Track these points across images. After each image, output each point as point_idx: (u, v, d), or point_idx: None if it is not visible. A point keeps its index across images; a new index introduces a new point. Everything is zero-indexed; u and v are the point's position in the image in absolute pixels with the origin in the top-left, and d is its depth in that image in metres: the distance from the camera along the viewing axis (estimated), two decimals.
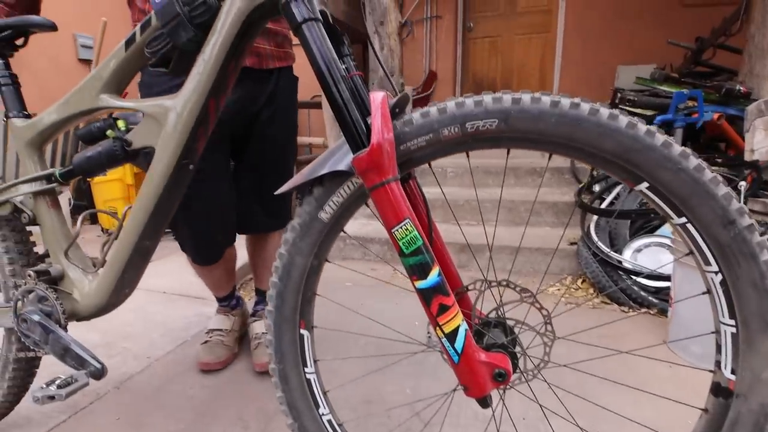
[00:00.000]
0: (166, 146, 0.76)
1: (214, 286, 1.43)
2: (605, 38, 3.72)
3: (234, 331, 1.44)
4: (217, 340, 1.38)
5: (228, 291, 1.46)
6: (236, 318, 1.47)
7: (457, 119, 0.60)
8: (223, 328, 1.42)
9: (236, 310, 1.49)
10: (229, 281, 1.44)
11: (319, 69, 0.61)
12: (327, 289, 1.96)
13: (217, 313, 1.49)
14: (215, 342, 1.38)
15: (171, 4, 0.70)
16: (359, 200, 0.69)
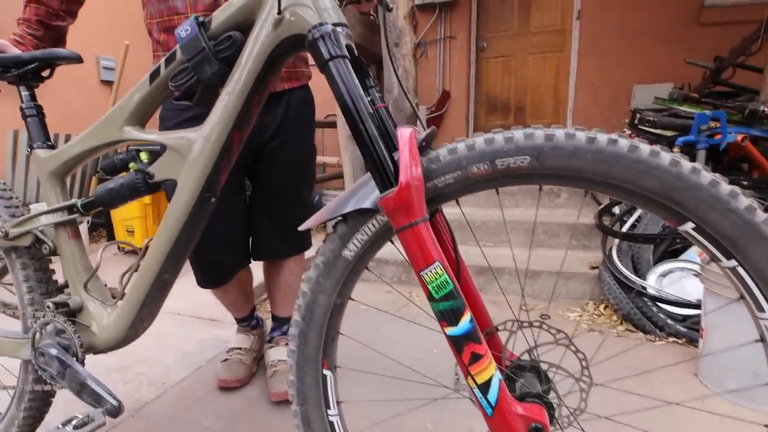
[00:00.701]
0: (188, 179, 0.75)
1: (232, 308, 1.44)
2: (620, 57, 3.70)
3: (253, 350, 1.45)
4: (236, 358, 1.40)
5: (247, 312, 1.46)
6: (255, 338, 1.48)
7: (486, 156, 0.58)
8: (243, 346, 1.44)
9: (256, 330, 1.50)
10: (247, 302, 1.44)
11: (347, 107, 0.59)
12: None
13: (237, 332, 1.50)
14: (234, 360, 1.39)
15: (196, 39, 0.70)
16: (384, 237, 0.67)
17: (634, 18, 3.63)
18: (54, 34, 0.98)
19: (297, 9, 0.65)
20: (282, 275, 1.35)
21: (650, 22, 3.60)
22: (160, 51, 1.07)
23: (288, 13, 0.66)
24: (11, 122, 3.05)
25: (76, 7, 1.01)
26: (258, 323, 1.51)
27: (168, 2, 1.01)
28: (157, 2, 1.03)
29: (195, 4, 1.00)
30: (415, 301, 2.06)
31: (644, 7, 3.60)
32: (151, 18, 1.06)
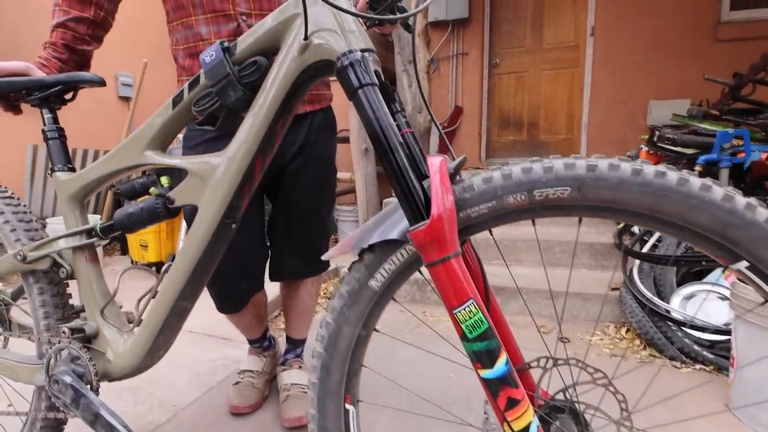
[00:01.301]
0: (209, 205, 0.73)
1: (244, 330, 1.41)
2: (635, 73, 3.67)
3: (265, 373, 1.42)
4: (247, 381, 1.36)
5: (259, 333, 1.43)
6: (268, 360, 1.45)
7: (523, 186, 0.55)
8: (254, 369, 1.40)
9: (268, 351, 1.47)
10: (260, 324, 1.42)
11: (376, 135, 0.57)
12: None
13: (249, 353, 1.47)
14: (246, 384, 1.36)
15: (221, 65, 0.69)
16: (413, 267, 0.65)
17: (649, 34, 3.61)
18: (79, 57, 0.99)
19: (324, 34, 0.64)
20: (299, 296, 1.32)
21: (665, 38, 3.58)
22: (184, 76, 1.08)
23: (315, 39, 0.65)
24: (31, 138, 3.10)
25: (102, 33, 1.02)
26: (270, 344, 1.48)
27: (193, 29, 1.02)
28: (182, 29, 1.03)
29: (219, 31, 1.00)
30: (428, 322, 2.01)
31: (658, 24, 3.58)
32: (177, 44, 1.06)
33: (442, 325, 1.97)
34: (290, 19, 0.67)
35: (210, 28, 1.00)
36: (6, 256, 0.87)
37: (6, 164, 3.04)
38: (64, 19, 0.96)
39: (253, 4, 1.01)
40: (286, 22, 0.67)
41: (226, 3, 0.99)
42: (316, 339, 0.69)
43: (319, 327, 0.68)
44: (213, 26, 1.00)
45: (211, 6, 0.99)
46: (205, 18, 1.00)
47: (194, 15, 1.00)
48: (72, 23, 0.96)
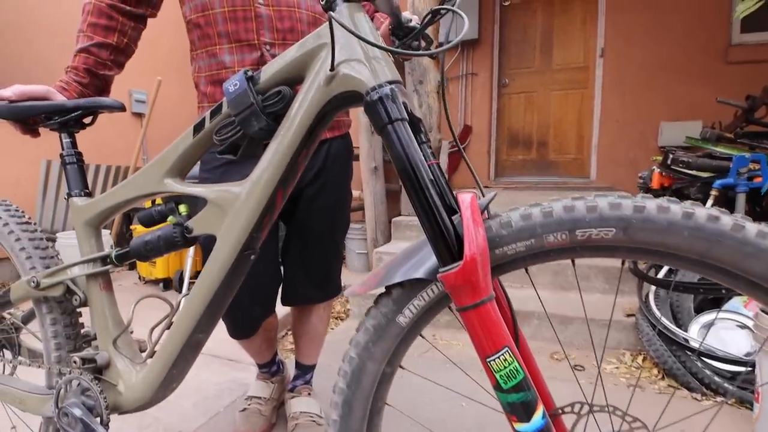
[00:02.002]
0: (228, 235, 0.72)
1: (253, 354, 1.38)
2: (646, 94, 3.67)
3: (273, 400, 1.38)
4: (254, 408, 1.33)
5: (269, 358, 1.40)
6: (276, 385, 1.41)
7: (565, 224, 0.52)
8: (261, 396, 1.37)
9: (276, 377, 1.43)
10: (270, 348, 1.39)
11: (406, 172, 0.55)
12: None
13: (257, 378, 1.43)
14: (253, 411, 1.32)
15: (245, 94, 0.68)
16: (443, 303, 0.62)
17: (659, 56, 3.62)
18: (100, 82, 0.99)
19: (351, 65, 0.63)
20: (311, 321, 1.30)
21: (676, 60, 3.58)
22: (205, 102, 1.08)
23: (342, 69, 0.64)
24: (44, 153, 3.13)
25: (124, 59, 1.03)
26: (279, 369, 1.45)
27: (217, 57, 1.02)
28: (206, 57, 1.04)
29: (242, 60, 1.01)
30: (439, 346, 1.97)
31: (669, 45, 3.59)
32: (199, 71, 1.07)
33: (453, 349, 1.93)
34: (316, 50, 0.66)
35: (234, 56, 1.01)
36: (19, 282, 0.86)
37: (19, 179, 3.06)
38: (88, 45, 0.96)
39: (277, 34, 1.01)
40: (312, 52, 0.67)
41: (251, 33, 0.99)
42: (338, 374, 0.67)
43: (342, 361, 0.66)
44: (237, 55, 1.01)
45: (236, 36, 1.00)
46: (230, 47, 1.00)
47: (219, 44, 1.01)
48: (95, 48, 0.97)
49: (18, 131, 0.90)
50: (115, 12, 0.99)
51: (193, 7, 1.01)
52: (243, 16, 0.99)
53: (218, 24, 1.00)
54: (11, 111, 0.85)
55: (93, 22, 0.98)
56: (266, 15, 1.00)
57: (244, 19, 0.99)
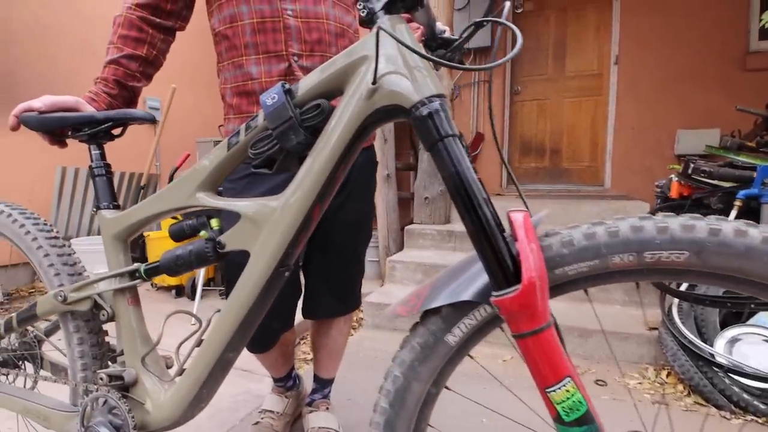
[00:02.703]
0: (263, 252, 0.70)
1: (269, 367, 1.36)
2: (661, 102, 3.63)
3: (286, 415, 1.36)
4: (267, 423, 1.31)
5: (284, 372, 1.37)
6: (290, 400, 1.39)
7: (632, 245, 0.50)
8: (275, 410, 1.34)
9: (291, 392, 1.41)
10: (286, 363, 1.36)
11: (459, 190, 0.53)
12: (373, 365, 1.83)
13: (271, 392, 1.41)
14: (266, 425, 1.30)
15: (283, 108, 0.66)
16: (496, 322, 0.60)
17: (675, 63, 3.58)
18: (128, 94, 0.98)
19: (395, 78, 0.61)
20: (331, 335, 1.27)
21: (692, 67, 3.54)
22: (231, 114, 1.07)
23: (385, 83, 0.62)
24: (60, 159, 3.14)
25: (153, 71, 1.02)
26: (294, 383, 1.42)
27: (243, 68, 1.01)
28: (233, 68, 1.03)
29: (270, 71, 1.00)
30: None
31: (685, 52, 3.55)
32: (226, 83, 1.06)
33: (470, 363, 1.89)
34: (358, 62, 0.65)
35: (261, 68, 1.00)
36: (46, 296, 0.84)
37: (34, 185, 3.07)
38: (118, 56, 0.96)
39: (305, 45, 1.00)
40: (353, 65, 0.65)
41: (279, 44, 0.99)
42: (380, 392, 0.64)
43: (384, 379, 0.64)
44: (264, 66, 1.00)
45: (264, 47, 0.99)
46: (257, 58, 1.00)
47: (246, 55, 1.00)
48: (125, 60, 0.96)
49: (46, 142, 0.89)
50: (146, 24, 0.99)
51: (222, 19, 1.00)
52: (272, 27, 0.98)
53: (246, 35, 0.99)
54: (41, 122, 0.84)
55: (124, 34, 0.97)
56: (295, 26, 0.99)
57: (273, 30, 0.98)
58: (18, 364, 1.04)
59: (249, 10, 0.97)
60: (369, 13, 0.63)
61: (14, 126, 0.86)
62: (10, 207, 0.93)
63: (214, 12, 1.03)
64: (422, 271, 2.53)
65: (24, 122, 0.85)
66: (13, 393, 0.91)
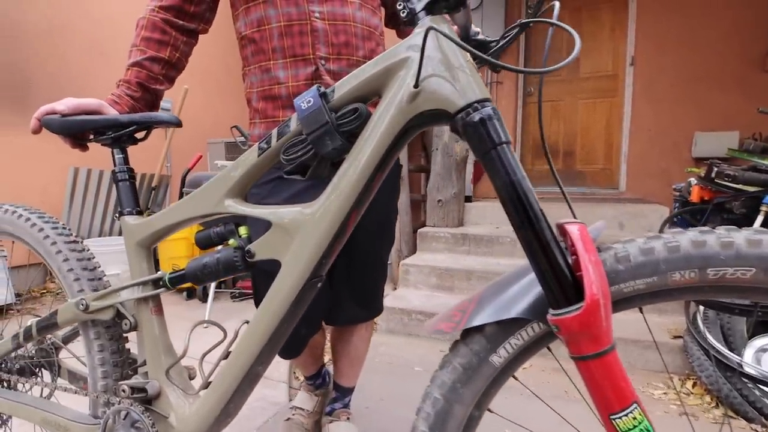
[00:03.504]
0: (296, 261, 0.67)
1: (299, 368, 1.40)
2: (679, 103, 3.56)
3: (316, 413, 1.37)
4: (298, 420, 1.32)
5: (314, 371, 1.38)
6: (319, 398, 1.40)
7: (694, 261, 0.46)
8: (305, 408, 1.36)
9: (321, 390, 1.41)
10: (316, 363, 1.37)
11: (513, 201, 0.50)
12: (388, 371, 1.79)
13: (302, 389, 1.42)
14: (296, 422, 1.32)
15: (319, 112, 0.63)
16: (544, 342, 0.56)
17: (693, 64, 3.52)
18: (151, 97, 0.96)
19: (439, 81, 0.58)
20: (352, 341, 1.25)
21: (710, 68, 3.48)
22: (257, 119, 1.05)
23: (428, 86, 0.59)
24: (72, 160, 3.14)
25: (175, 74, 1.00)
26: (324, 382, 1.43)
27: (270, 72, 0.99)
28: (259, 72, 1.01)
29: (296, 75, 0.97)
30: None
31: (703, 53, 3.49)
32: (251, 87, 1.04)
33: None
34: (398, 64, 0.61)
35: (288, 72, 0.97)
36: (67, 304, 0.82)
37: (47, 186, 3.07)
38: (141, 59, 0.94)
39: (332, 48, 0.98)
40: (393, 67, 0.62)
41: (307, 48, 0.96)
42: (418, 415, 0.61)
43: (423, 401, 0.60)
44: (291, 70, 0.97)
45: (291, 51, 0.97)
46: (284, 62, 0.97)
47: (273, 59, 0.98)
48: (147, 63, 0.94)
49: (68, 145, 0.87)
50: (169, 26, 0.97)
51: (249, 23, 0.98)
52: (299, 31, 0.95)
53: (273, 39, 0.97)
54: (64, 125, 0.81)
55: (147, 36, 0.95)
56: (322, 29, 0.96)
57: (300, 34, 0.96)
58: (35, 371, 1.02)
59: (276, 13, 0.95)
60: (409, 14, 0.61)
61: (36, 129, 0.84)
62: (29, 210, 0.91)
63: (240, 15, 1.00)
64: (436, 275, 2.49)
65: (46, 125, 0.83)
66: (33, 403, 0.89)
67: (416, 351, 2.04)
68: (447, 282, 2.46)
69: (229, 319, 2.50)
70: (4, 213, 0.92)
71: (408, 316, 2.24)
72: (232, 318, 2.51)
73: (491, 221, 3.10)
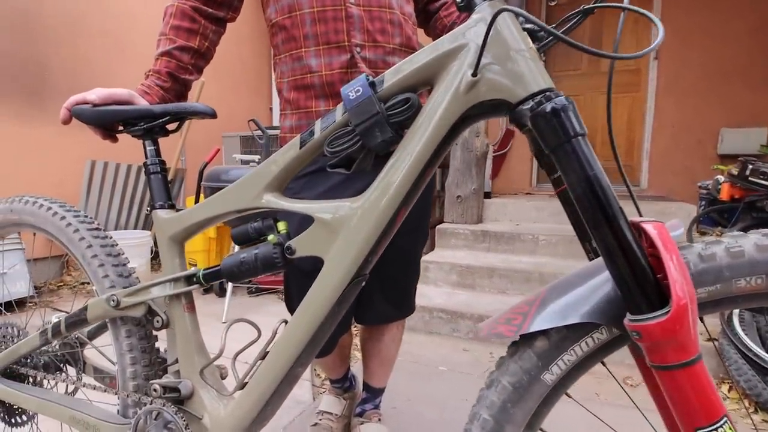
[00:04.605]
0: (340, 259, 0.63)
1: (326, 370, 1.34)
2: (704, 99, 3.47)
3: (344, 417, 1.34)
4: (326, 424, 1.28)
5: (342, 374, 1.34)
6: (347, 402, 1.36)
7: (760, 267, 0.43)
8: (333, 412, 1.32)
9: (348, 393, 1.38)
10: (343, 365, 1.33)
11: (589, 197, 0.46)
12: (412, 370, 1.76)
13: (328, 392, 1.39)
14: (324, 426, 1.28)
15: (369, 102, 0.60)
16: (599, 356, 0.53)
17: (719, 58, 3.41)
18: (180, 87, 0.93)
19: (500, 69, 0.54)
20: (383, 341, 1.21)
21: (737, 63, 3.37)
22: (288, 110, 1.01)
23: (487, 74, 0.55)
24: (88, 153, 3.14)
25: (204, 63, 0.97)
26: (351, 385, 1.40)
27: (302, 61, 0.95)
28: (291, 61, 0.97)
29: (330, 63, 0.93)
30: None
31: (730, 48, 3.38)
32: (282, 77, 1.00)
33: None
34: (453, 52, 0.58)
35: (321, 59, 0.93)
36: (97, 300, 0.79)
37: (63, 178, 3.08)
38: (170, 48, 0.91)
39: (367, 35, 0.94)
40: (448, 55, 0.58)
41: (341, 34, 0.92)
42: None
43: (471, 422, 0.57)
44: (324, 58, 0.93)
45: (325, 38, 0.93)
46: (317, 50, 0.93)
47: (305, 47, 0.94)
48: (177, 52, 0.91)
49: (98, 136, 0.84)
50: (198, 14, 0.94)
51: (279, 9, 0.94)
52: (333, 17, 0.92)
53: (305, 25, 0.93)
54: (96, 115, 0.79)
55: (176, 25, 0.92)
56: (357, 15, 0.92)
57: (334, 20, 0.92)
58: (60, 367, 1.01)
59: None
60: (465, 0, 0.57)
61: (66, 119, 0.81)
62: (49, 200, 0.89)
63: (269, 1, 0.97)
64: (457, 272, 2.45)
65: (77, 115, 0.80)
66: (61, 401, 0.87)
67: (438, 350, 2.00)
68: (468, 279, 2.42)
69: (247, 314, 2.48)
70: (25, 204, 0.90)
71: (429, 314, 2.21)
72: (249, 313, 2.50)
73: (511, 218, 3.04)
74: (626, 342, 0.52)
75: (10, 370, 0.96)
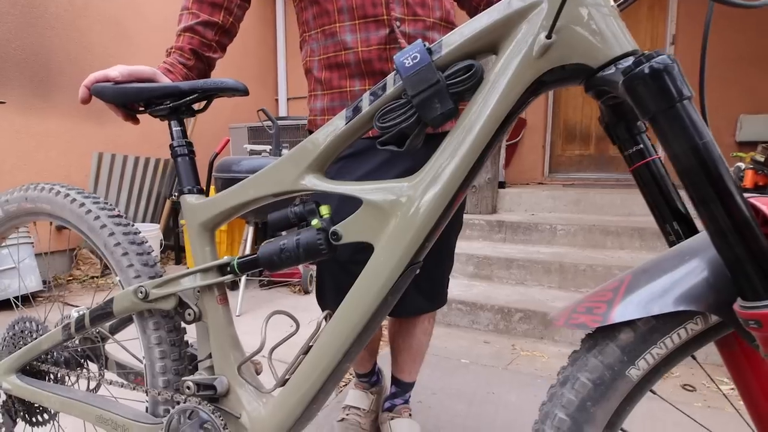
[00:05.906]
0: (394, 245, 0.58)
1: (354, 364, 1.29)
2: (722, 85, 3.38)
3: (372, 412, 1.29)
4: (354, 420, 1.24)
5: (369, 368, 1.30)
6: (375, 397, 1.32)
7: None
8: (360, 407, 1.27)
9: (375, 387, 1.33)
10: (371, 359, 1.29)
11: (699, 170, 0.41)
12: (434, 363, 1.72)
13: (354, 387, 1.34)
14: (352, 422, 1.23)
15: (429, 69, 0.54)
16: (689, 349, 0.48)
17: (739, 44, 3.32)
18: (203, 65, 0.87)
19: (580, 31, 0.48)
20: (415, 334, 1.17)
21: (758, 49, 3.28)
22: (318, 90, 0.95)
23: (565, 35, 0.49)
24: (95, 145, 3.09)
25: (228, 41, 0.91)
26: (378, 379, 1.35)
27: (336, 37, 0.89)
28: (323, 37, 0.91)
29: (368, 38, 0.87)
30: (521, 357, 1.81)
31: (750, 33, 3.29)
32: (312, 55, 0.94)
33: (538, 362, 1.77)
34: (523, 12, 0.52)
35: (357, 35, 0.87)
36: (124, 292, 0.74)
37: (70, 171, 3.03)
38: (193, 23, 0.85)
39: (407, 9, 0.87)
40: (516, 16, 0.52)
41: (379, 7, 0.86)
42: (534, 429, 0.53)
43: (542, 422, 0.52)
44: (361, 33, 0.87)
45: (361, 11, 0.86)
46: (352, 24, 0.87)
47: (339, 21, 0.88)
48: (200, 27, 0.85)
49: (119, 117, 0.79)
50: None
51: None
52: None
53: None
54: (118, 93, 0.73)
55: None
56: None
57: None
58: (81, 362, 0.96)
59: None
60: None
61: (85, 98, 0.76)
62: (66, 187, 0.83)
63: None
64: (474, 263, 2.40)
65: (98, 93, 0.74)
66: (86, 399, 0.82)
67: (459, 342, 1.96)
68: (485, 270, 2.37)
69: (260, 307, 2.44)
70: (41, 191, 0.84)
71: (447, 306, 2.16)
72: (262, 307, 2.46)
73: (525, 208, 2.98)
74: (722, 332, 0.47)
75: (30, 367, 0.92)
